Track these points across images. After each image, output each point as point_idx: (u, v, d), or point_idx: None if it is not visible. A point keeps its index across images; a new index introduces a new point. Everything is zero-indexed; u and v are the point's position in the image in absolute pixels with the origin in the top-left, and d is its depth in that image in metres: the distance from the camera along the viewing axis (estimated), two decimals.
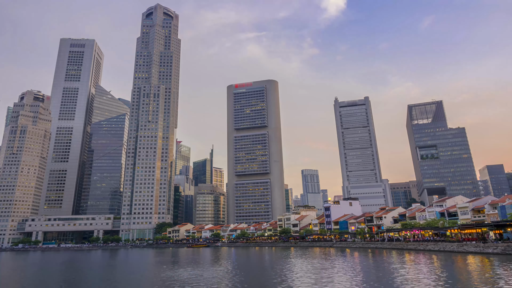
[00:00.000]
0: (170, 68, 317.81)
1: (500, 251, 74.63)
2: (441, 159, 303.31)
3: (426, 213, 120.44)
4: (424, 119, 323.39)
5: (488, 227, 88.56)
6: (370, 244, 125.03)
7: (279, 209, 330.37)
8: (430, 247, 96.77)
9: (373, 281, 42.88)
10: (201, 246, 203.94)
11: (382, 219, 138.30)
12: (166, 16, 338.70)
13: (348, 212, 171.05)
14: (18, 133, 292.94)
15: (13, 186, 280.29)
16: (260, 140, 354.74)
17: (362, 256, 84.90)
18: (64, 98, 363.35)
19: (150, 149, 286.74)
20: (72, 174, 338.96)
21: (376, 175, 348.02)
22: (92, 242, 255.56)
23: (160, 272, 61.40)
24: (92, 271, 69.85)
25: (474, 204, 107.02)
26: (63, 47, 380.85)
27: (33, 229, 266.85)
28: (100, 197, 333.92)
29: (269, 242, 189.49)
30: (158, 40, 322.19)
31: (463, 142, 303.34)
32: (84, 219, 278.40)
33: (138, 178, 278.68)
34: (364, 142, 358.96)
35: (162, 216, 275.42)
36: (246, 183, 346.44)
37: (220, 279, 49.61)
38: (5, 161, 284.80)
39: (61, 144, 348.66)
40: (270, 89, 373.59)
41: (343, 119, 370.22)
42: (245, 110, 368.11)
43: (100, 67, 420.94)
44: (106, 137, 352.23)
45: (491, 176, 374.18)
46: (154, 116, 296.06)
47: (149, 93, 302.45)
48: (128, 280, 54.48)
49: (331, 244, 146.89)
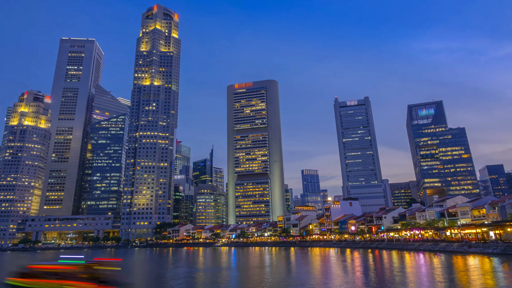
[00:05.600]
0: (170, 68, 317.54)
1: (500, 251, 74.65)
2: (441, 159, 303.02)
3: (426, 213, 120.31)
4: (424, 119, 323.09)
5: (488, 227, 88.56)
6: (370, 244, 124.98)
7: (279, 209, 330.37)
8: (430, 247, 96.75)
9: (373, 281, 42.83)
10: (201, 246, 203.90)
11: (382, 219, 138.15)
12: (166, 16, 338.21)
13: (348, 212, 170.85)
14: (18, 133, 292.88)
15: (13, 186, 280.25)
16: (260, 140, 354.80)
17: (363, 256, 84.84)
18: (64, 98, 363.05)
19: (150, 149, 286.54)
20: (72, 174, 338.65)
21: (376, 175, 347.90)
22: (92, 242, 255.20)
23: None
24: None
25: (474, 204, 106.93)
26: (63, 47, 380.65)
27: (33, 229, 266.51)
28: (100, 197, 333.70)
29: (269, 242, 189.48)
30: (158, 40, 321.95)
31: (463, 142, 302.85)
32: (84, 219, 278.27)
33: (138, 178, 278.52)
34: (364, 142, 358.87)
35: (162, 216, 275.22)
36: (246, 183, 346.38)
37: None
38: (5, 161, 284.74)
39: (61, 144, 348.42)
40: (270, 89, 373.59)
41: (343, 119, 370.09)
42: (245, 110, 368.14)
43: (100, 67, 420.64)
44: (106, 137, 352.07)
45: (491, 176, 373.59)
46: (154, 116, 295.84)
47: (149, 93, 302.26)
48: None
49: (331, 244, 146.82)
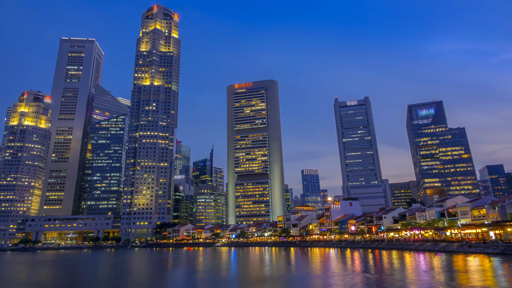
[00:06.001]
0: (170, 68, 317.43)
1: (500, 251, 74.63)
2: (441, 159, 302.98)
3: (426, 213, 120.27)
4: (424, 119, 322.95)
5: (488, 227, 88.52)
6: (370, 244, 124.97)
7: (279, 209, 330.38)
8: (430, 247, 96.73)
9: (373, 281, 42.80)
10: (201, 246, 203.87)
11: (382, 219, 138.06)
12: (166, 16, 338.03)
13: (348, 212, 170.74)
14: (18, 133, 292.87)
15: (13, 186, 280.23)
16: (260, 140, 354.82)
17: (363, 256, 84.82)
18: (64, 98, 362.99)
19: (150, 149, 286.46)
20: (72, 174, 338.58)
21: (376, 175, 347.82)
22: (92, 242, 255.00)
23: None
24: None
25: (474, 204, 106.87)
26: (63, 47, 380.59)
27: (33, 229, 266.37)
28: (100, 197, 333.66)
29: (269, 242, 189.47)
30: (158, 40, 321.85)
31: (463, 142, 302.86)
32: (84, 219, 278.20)
33: (138, 178, 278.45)
34: (364, 142, 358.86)
35: (162, 216, 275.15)
36: (246, 183, 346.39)
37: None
38: (5, 161, 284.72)
39: (61, 144, 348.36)
40: (270, 89, 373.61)
41: (343, 119, 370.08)
42: (245, 110, 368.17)
43: (100, 67, 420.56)
44: (106, 137, 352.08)
45: (491, 176, 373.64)
46: (154, 116, 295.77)
47: (149, 93, 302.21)
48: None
49: (331, 244, 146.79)
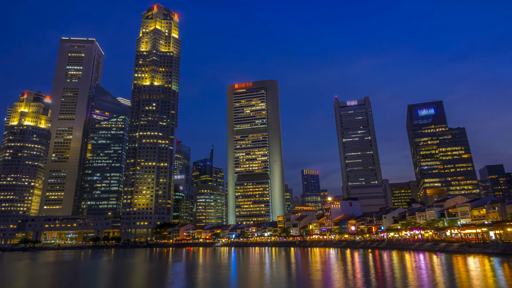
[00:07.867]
0: (170, 68, 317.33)
1: (500, 251, 74.61)
2: (441, 159, 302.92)
3: (426, 213, 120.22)
4: (424, 119, 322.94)
5: (488, 227, 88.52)
6: (370, 244, 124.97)
7: (279, 209, 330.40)
8: (430, 247, 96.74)
9: (374, 281, 42.79)
10: (201, 247, 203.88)
11: (382, 219, 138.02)
12: (166, 16, 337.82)
13: (348, 212, 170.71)
14: (18, 133, 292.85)
15: (13, 186, 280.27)
16: (260, 140, 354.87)
17: (363, 256, 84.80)
18: (64, 98, 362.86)
19: (150, 149, 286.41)
20: (72, 174, 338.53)
21: (376, 175, 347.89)
22: (92, 242, 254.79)
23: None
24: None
25: (474, 204, 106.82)
26: (63, 47, 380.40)
27: (33, 229, 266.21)
28: (100, 197, 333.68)
29: (269, 242, 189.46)
30: (158, 40, 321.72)
31: (463, 142, 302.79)
32: (84, 219, 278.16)
33: (138, 178, 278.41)
34: (364, 142, 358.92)
35: (162, 216, 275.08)
36: (246, 183, 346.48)
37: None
38: (5, 161, 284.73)
39: (61, 144, 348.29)
40: (270, 89, 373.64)
41: (343, 119, 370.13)
42: (245, 110, 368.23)
43: (100, 67, 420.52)
44: (106, 137, 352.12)
45: (491, 176, 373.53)
46: (154, 116, 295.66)
47: (149, 93, 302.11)
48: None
49: (331, 244, 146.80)
